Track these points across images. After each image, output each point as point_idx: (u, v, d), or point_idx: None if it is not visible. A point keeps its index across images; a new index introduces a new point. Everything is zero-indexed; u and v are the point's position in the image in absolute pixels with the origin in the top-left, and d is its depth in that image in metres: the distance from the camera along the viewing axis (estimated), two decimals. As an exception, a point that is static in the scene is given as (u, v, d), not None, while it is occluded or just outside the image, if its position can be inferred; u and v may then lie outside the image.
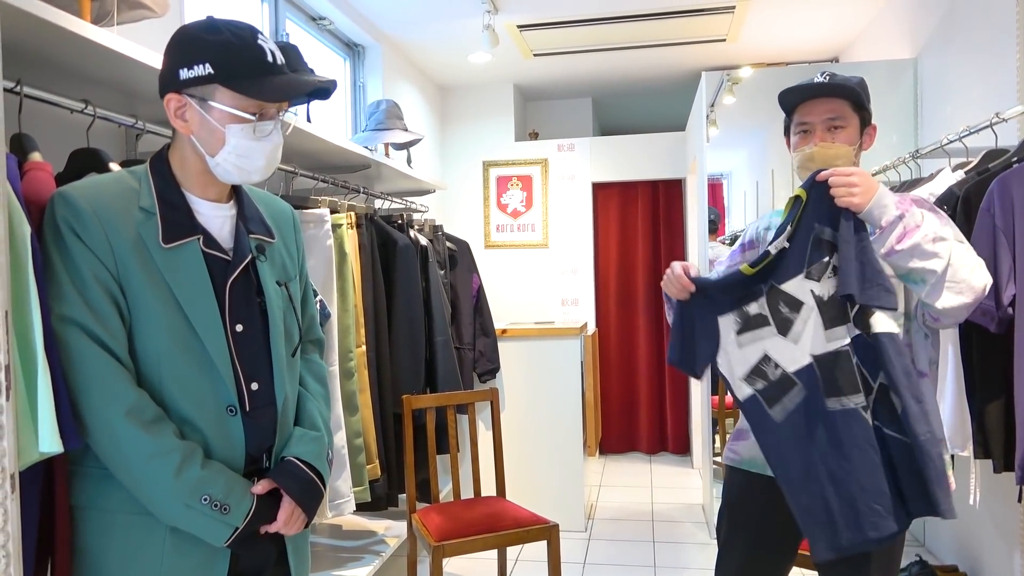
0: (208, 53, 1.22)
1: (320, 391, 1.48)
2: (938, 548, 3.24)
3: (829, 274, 1.49)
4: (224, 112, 1.24)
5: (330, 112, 3.86)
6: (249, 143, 1.26)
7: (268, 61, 1.26)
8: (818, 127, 1.60)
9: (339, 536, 2.96)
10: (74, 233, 1.18)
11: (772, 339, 1.54)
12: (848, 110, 1.60)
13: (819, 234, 1.51)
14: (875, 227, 1.47)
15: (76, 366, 1.15)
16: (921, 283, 1.47)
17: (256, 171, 1.30)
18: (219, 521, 1.21)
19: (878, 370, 1.47)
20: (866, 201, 1.45)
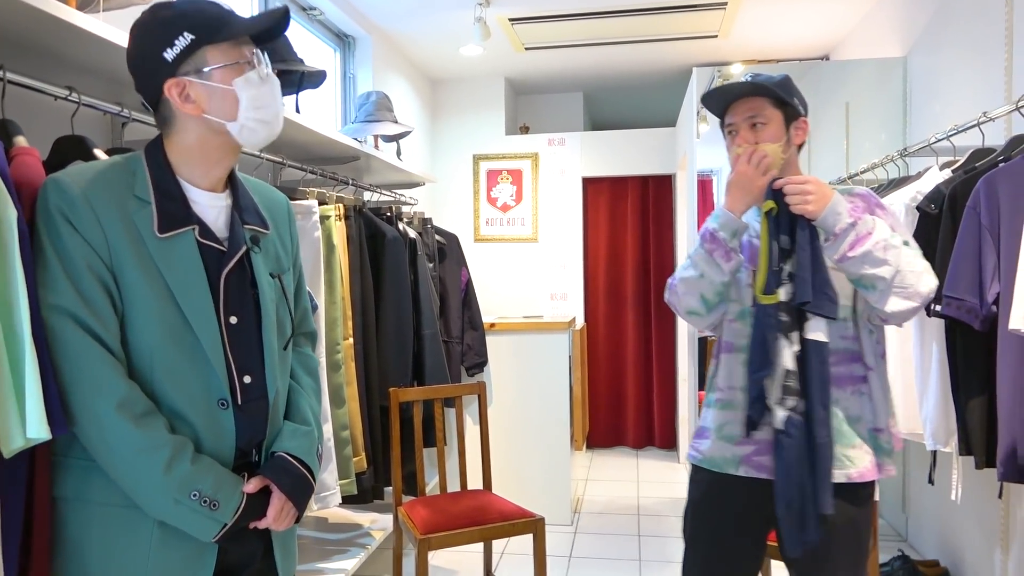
0: (180, 23, 1.21)
1: (311, 385, 1.47)
2: (920, 543, 3.27)
3: (785, 280, 1.52)
4: (224, 70, 1.23)
5: (319, 103, 3.83)
6: (259, 90, 1.26)
7: (227, 9, 1.27)
8: (741, 127, 1.63)
9: (325, 529, 2.96)
10: (67, 220, 1.16)
11: (786, 349, 1.53)
12: (769, 107, 1.62)
13: (778, 242, 1.54)
14: (829, 234, 1.51)
15: (66, 356, 1.14)
16: (871, 288, 1.52)
17: (274, 118, 1.29)
18: (208, 517, 1.20)
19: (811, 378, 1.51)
20: (820, 208, 1.49)
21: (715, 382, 1.72)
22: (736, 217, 1.61)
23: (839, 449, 1.57)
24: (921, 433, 2.18)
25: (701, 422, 1.76)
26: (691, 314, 1.70)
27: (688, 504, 1.78)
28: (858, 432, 1.59)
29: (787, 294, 1.51)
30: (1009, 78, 2.49)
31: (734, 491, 1.64)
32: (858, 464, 1.58)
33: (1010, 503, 2.46)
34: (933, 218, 2.04)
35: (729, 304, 1.68)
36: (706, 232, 1.64)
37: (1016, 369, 1.77)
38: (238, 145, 1.30)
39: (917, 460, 3.30)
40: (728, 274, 1.62)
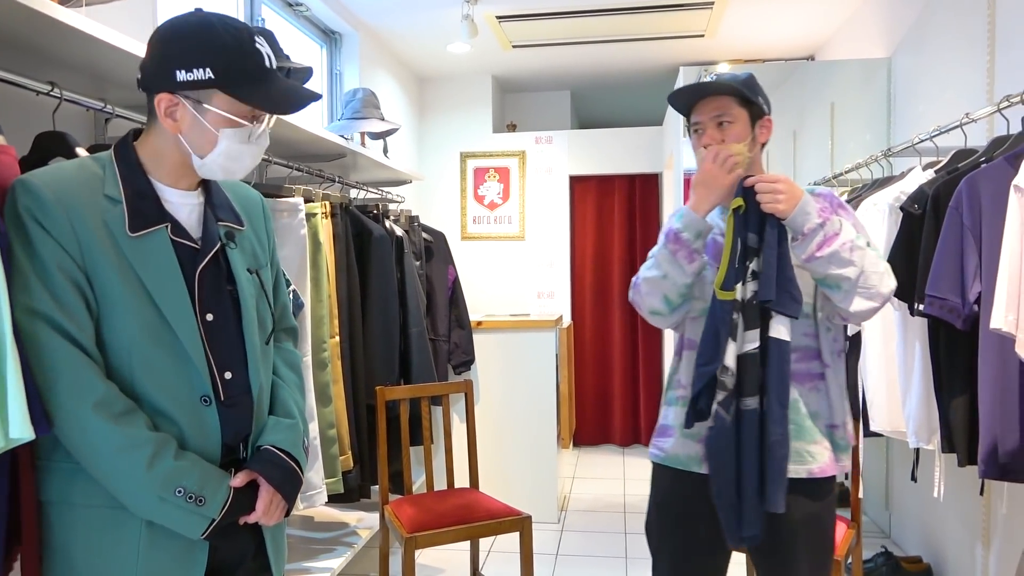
0: (208, 57, 1.19)
1: (294, 379, 1.46)
2: (903, 539, 3.30)
3: (748, 278, 1.53)
4: (220, 116, 1.22)
5: (306, 100, 3.81)
6: (240, 146, 1.25)
7: (266, 67, 1.24)
8: (708, 125, 1.64)
9: (311, 528, 2.94)
10: (37, 222, 1.15)
11: (730, 346, 1.55)
12: (735, 106, 1.63)
13: (745, 239, 1.54)
14: (797, 233, 1.52)
15: (42, 359, 1.13)
16: (836, 288, 1.54)
17: (241, 171, 1.29)
18: (195, 513, 1.19)
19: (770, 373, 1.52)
20: (791, 208, 1.51)
21: (676, 379, 1.71)
22: (700, 218, 1.60)
23: (801, 445, 1.58)
24: (904, 431, 2.20)
25: (662, 420, 1.74)
26: (654, 314, 1.69)
27: (651, 505, 1.76)
28: (818, 428, 1.61)
29: (751, 291, 1.53)
30: (991, 79, 2.52)
31: (698, 488, 1.63)
32: (819, 459, 1.60)
33: (991, 500, 2.49)
34: (916, 218, 2.06)
35: (693, 302, 1.68)
36: (670, 232, 1.63)
37: (997, 368, 1.79)
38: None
39: (900, 458, 3.33)
40: (691, 275, 1.62)
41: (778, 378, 1.51)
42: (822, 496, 1.61)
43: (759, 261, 1.53)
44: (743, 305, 1.53)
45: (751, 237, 1.54)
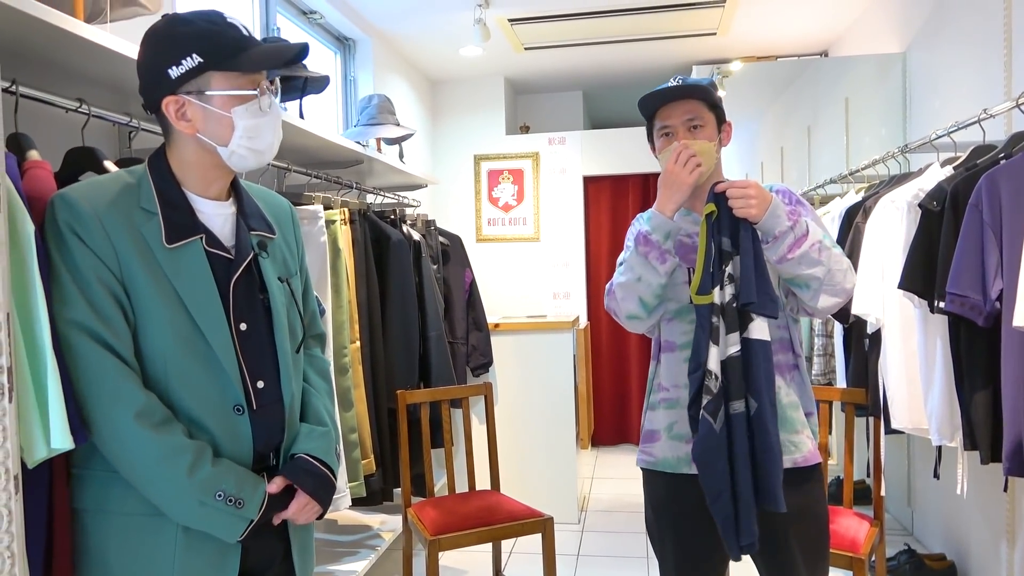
0: (191, 44, 1.22)
1: (324, 386, 1.49)
2: (926, 537, 3.29)
3: (726, 281, 1.55)
4: (225, 97, 1.24)
5: (321, 107, 3.85)
6: (256, 121, 1.27)
7: (246, 36, 1.27)
8: (679, 128, 1.67)
9: (334, 531, 2.97)
10: (76, 235, 1.17)
11: (712, 351, 1.56)
12: (704, 110, 1.67)
13: (719, 244, 1.56)
14: (768, 236, 1.55)
15: (83, 369, 1.15)
16: (805, 287, 1.59)
17: (267, 148, 1.30)
18: (234, 516, 1.22)
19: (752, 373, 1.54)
20: (762, 212, 1.54)
21: (658, 383, 1.73)
22: (668, 218, 1.63)
23: (785, 436, 1.60)
24: (926, 428, 2.19)
25: (648, 425, 1.75)
26: (631, 318, 1.70)
27: (648, 510, 1.77)
28: (798, 418, 1.64)
29: (730, 295, 1.55)
30: (1009, 74, 2.50)
31: (690, 490, 1.63)
32: (803, 449, 1.63)
33: (1016, 497, 2.48)
34: (935, 215, 2.05)
35: (666, 303, 1.70)
36: (639, 236, 1.65)
37: (1020, 365, 1.78)
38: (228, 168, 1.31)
39: (921, 455, 3.31)
40: (664, 275, 1.64)
41: (765, 378, 1.53)
42: (811, 484, 1.64)
43: (735, 265, 1.55)
44: (723, 309, 1.55)
45: (725, 242, 1.56)
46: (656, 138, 1.73)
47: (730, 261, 1.55)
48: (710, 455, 1.54)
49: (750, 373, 1.53)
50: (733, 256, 1.55)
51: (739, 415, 1.53)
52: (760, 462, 1.52)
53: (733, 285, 1.55)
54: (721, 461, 1.54)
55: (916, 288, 2.08)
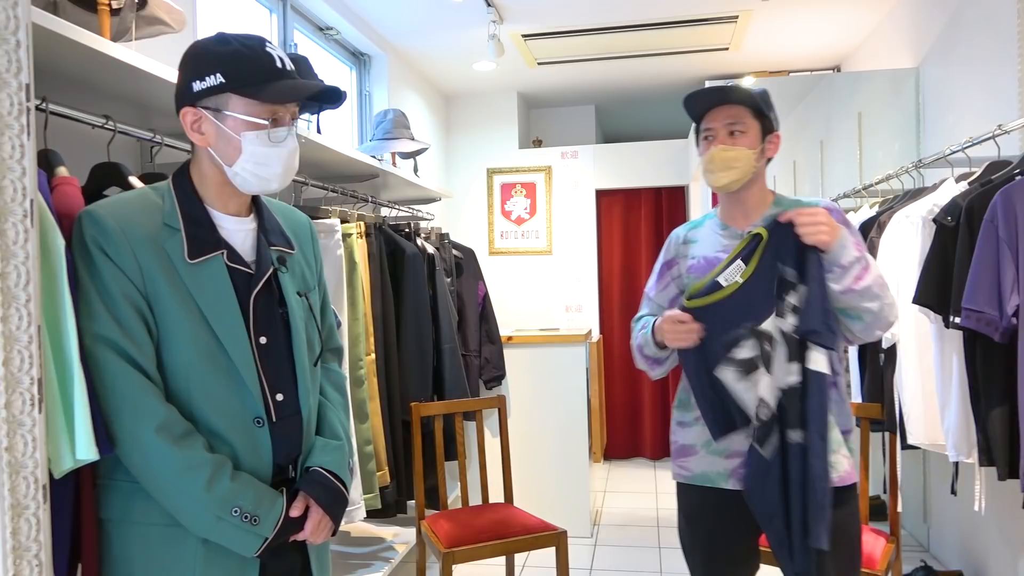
0: (219, 63, 1.25)
1: (340, 400, 1.50)
2: (942, 553, 3.26)
3: (789, 311, 1.55)
4: (238, 120, 1.26)
5: (336, 122, 3.89)
6: (265, 150, 1.28)
7: (277, 67, 1.28)
8: (720, 131, 1.67)
9: (349, 543, 2.98)
10: (102, 251, 1.20)
11: (764, 379, 1.58)
12: (748, 117, 1.67)
13: (783, 274, 1.56)
14: (834, 265, 1.54)
15: (107, 383, 1.17)
16: (857, 319, 1.59)
17: (274, 178, 1.31)
18: (249, 532, 1.23)
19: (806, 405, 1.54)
20: (833, 239, 1.53)
21: (692, 402, 1.73)
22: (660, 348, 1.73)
23: None
24: (943, 444, 2.18)
25: (682, 440, 1.77)
26: (649, 372, 1.84)
27: (681, 518, 1.80)
28: (835, 437, 1.63)
29: (791, 325, 1.54)
30: (1022, 89, 2.51)
31: (726, 504, 1.67)
32: (839, 469, 1.62)
33: (1033, 513, 2.46)
34: (950, 230, 2.05)
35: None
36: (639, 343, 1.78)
37: (1037, 380, 1.78)
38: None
39: (937, 470, 3.29)
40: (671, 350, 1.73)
41: (818, 411, 1.52)
42: (845, 504, 1.63)
43: (799, 295, 1.54)
44: (784, 337, 1.55)
45: (788, 271, 1.55)
46: (700, 140, 1.73)
47: (791, 290, 1.54)
48: (758, 483, 1.57)
49: (803, 406, 1.53)
50: (796, 287, 1.54)
51: (797, 445, 1.54)
52: (806, 495, 1.52)
53: (796, 316, 1.54)
54: (772, 487, 1.55)
55: (931, 303, 2.08)
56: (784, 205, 1.72)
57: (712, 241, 1.75)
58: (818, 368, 1.53)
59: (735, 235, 1.71)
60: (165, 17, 1.84)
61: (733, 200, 1.73)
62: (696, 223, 1.84)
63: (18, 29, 1.06)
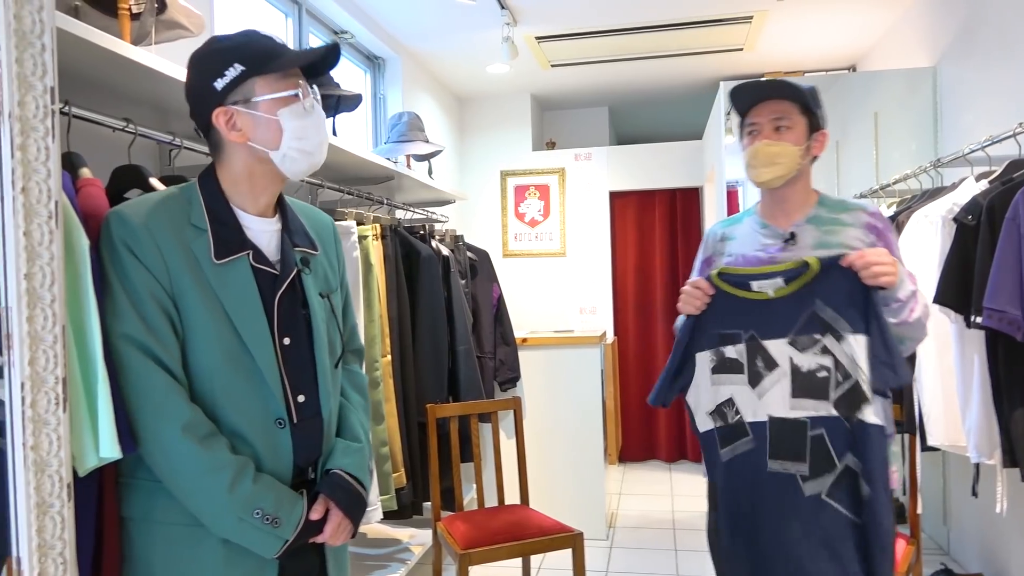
0: (232, 55, 1.27)
1: (360, 402, 1.50)
2: (963, 556, 3.22)
3: (816, 351, 1.54)
4: (270, 101, 1.28)
5: (351, 125, 3.91)
6: (303, 122, 1.30)
7: (279, 43, 1.32)
8: (765, 126, 1.65)
9: (365, 544, 2.99)
10: (130, 251, 1.21)
11: (741, 386, 1.61)
12: (795, 113, 1.64)
13: (819, 311, 1.55)
14: (891, 300, 1.53)
15: (132, 382, 1.18)
16: (900, 343, 1.58)
17: (316, 148, 1.33)
18: (270, 534, 1.23)
19: (846, 452, 1.53)
20: (895, 277, 1.50)
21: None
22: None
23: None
24: (964, 445, 2.16)
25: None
26: None
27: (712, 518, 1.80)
28: None
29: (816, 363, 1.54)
30: (1043, 87, 2.48)
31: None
32: None
33: (1056, 515, 2.43)
34: (971, 229, 2.03)
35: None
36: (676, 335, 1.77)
37: (1061, 380, 1.76)
38: (282, 173, 1.34)
39: (957, 472, 3.26)
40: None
41: (881, 464, 1.52)
42: None
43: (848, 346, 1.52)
44: (799, 373, 1.56)
45: (827, 311, 1.54)
46: (744, 135, 1.71)
47: (828, 332, 1.53)
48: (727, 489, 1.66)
49: (865, 460, 1.52)
50: (841, 335, 1.53)
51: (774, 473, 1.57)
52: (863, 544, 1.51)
53: (830, 358, 1.53)
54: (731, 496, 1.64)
55: (952, 303, 2.06)
56: (828, 205, 1.69)
57: (752, 239, 1.73)
58: (874, 421, 1.51)
59: (776, 234, 1.69)
60: (184, 21, 1.85)
61: (775, 197, 1.70)
62: (734, 219, 1.82)
63: (43, 33, 1.08)
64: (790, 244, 1.66)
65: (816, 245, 1.65)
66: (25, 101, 1.05)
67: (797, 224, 1.68)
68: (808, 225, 1.67)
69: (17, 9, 1.04)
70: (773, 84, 1.64)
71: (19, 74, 1.04)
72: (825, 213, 1.68)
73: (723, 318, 1.63)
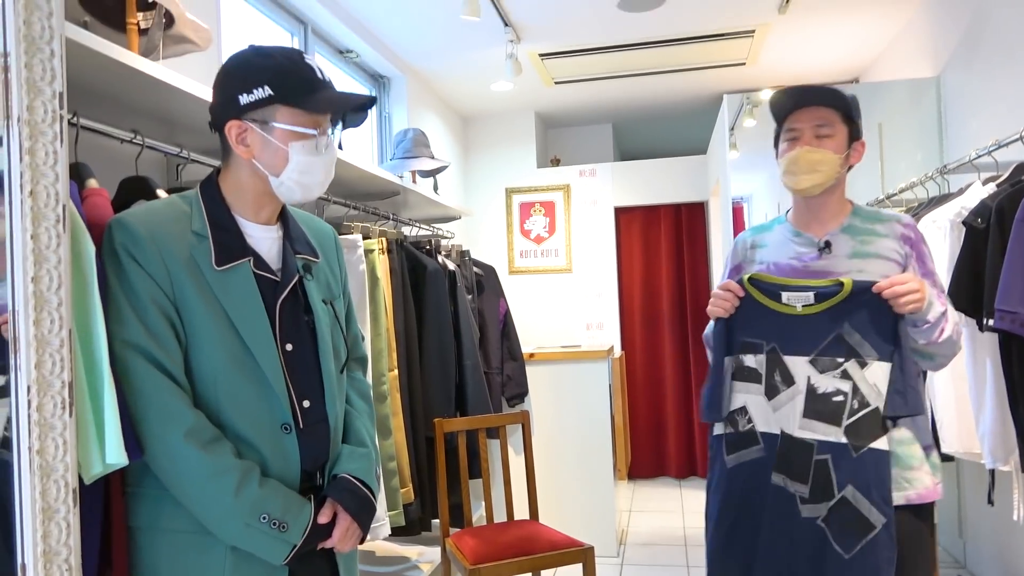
0: (265, 76, 1.27)
1: (365, 408, 1.50)
2: (980, 568, 3.17)
3: (836, 375, 1.53)
4: (286, 131, 1.28)
5: (357, 142, 3.93)
6: (310, 159, 1.30)
7: (319, 78, 1.31)
8: (806, 132, 1.62)
9: (373, 562, 2.96)
10: (132, 258, 1.21)
11: (757, 396, 1.60)
12: (838, 120, 1.63)
13: (846, 335, 1.54)
14: (920, 321, 1.51)
15: (136, 388, 1.18)
16: (930, 359, 1.59)
17: (317, 186, 1.33)
18: (278, 539, 1.22)
19: (847, 484, 1.51)
20: (924, 302, 1.49)
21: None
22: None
23: (896, 471, 1.55)
24: (978, 452, 2.13)
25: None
26: None
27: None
28: (914, 453, 1.58)
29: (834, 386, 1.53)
30: (1048, 92, 2.48)
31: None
32: (916, 485, 1.56)
33: (1075, 524, 2.39)
34: (980, 232, 2.02)
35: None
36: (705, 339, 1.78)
37: (1076, 382, 1.73)
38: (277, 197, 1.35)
39: (972, 480, 3.21)
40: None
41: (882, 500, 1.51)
42: (924, 522, 1.58)
43: (873, 373, 1.51)
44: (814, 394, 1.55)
45: (854, 336, 1.53)
46: (782, 140, 1.68)
47: (853, 358, 1.52)
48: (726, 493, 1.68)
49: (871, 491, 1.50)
50: (865, 361, 1.51)
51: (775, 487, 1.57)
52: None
53: (849, 383, 1.52)
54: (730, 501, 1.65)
55: (963, 307, 2.04)
56: (863, 215, 1.68)
57: (785, 247, 1.71)
58: (882, 447, 1.51)
59: (810, 242, 1.67)
60: (192, 35, 1.87)
61: (811, 206, 1.68)
62: (764, 227, 1.80)
63: (52, 39, 1.08)
64: (825, 253, 1.64)
65: (851, 255, 1.63)
66: (34, 106, 1.06)
67: (832, 233, 1.66)
68: (843, 234, 1.66)
69: (27, 15, 1.05)
70: (817, 90, 1.62)
71: (28, 79, 1.05)
72: (859, 223, 1.67)
73: (748, 325, 1.63)
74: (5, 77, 1.04)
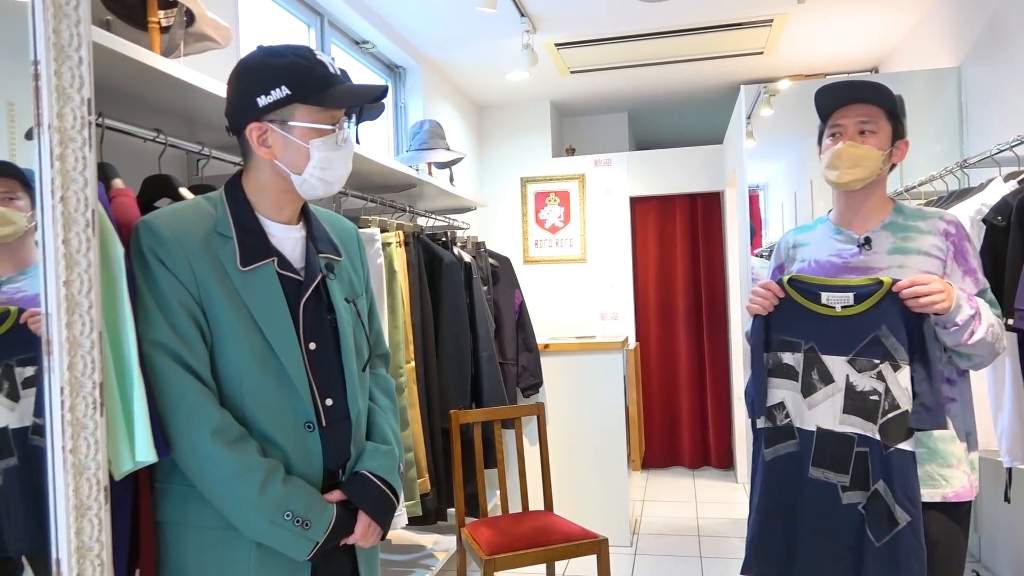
0: (281, 76, 1.28)
1: (389, 405, 1.52)
2: (995, 565, 3.17)
3: (873, 375, 1.54)
4: (306, 129, 1.30)
5: (373, 133, 3.94)
6: (330, 154, 1.32)
7: (332, 72, 1.32)
8: (850, 128, 1.63)
9: (390, 550, 3.00)
10: (158, 260, 1.23)
11: (793, 392, 1.62)
12: (882, 118, 1.63)
13: (883, 337, 1.54)
14: (948, 323, 1.50)
15: (163, 388, 1.21)
16: (967, 359, 1.58)
17: (338, 180, 1.36)
18: (301, 536, 1.25)
19: (880, 479, 1.52)
20: (950, 303, 1.48)
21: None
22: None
23: (933, 468, 1.56)
24: (996, 450, 2.13)
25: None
26: None
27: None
28: (954, 451, 1.58)
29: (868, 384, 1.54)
30: (1072, 85, 2.45)
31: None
32: (953, 483, 1.57)
33: (1091, 521, 2.38)
34: (1000, 230, 2.01)
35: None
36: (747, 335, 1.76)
37: (1096, 382, 1.73)
38: (299, 194, 1.37)
39: (988, 477, 3.20)
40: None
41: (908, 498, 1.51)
42: (959, 522, 1.59)
43: (903, 378, 1.51)
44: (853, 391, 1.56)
45: (891, 338, 1.52)
46: (826, 136, 1.69)
47: (887, 361, 1.52)
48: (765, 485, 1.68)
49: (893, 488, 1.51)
50: (899, 365, 1.51)
51: (814, 480, 1.59)
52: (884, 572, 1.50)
53: (883, 384, 1.53)
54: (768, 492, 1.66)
55: (981, 305, 2.03)
56: (905, 213, 1.68)
57: (826, 245, 1.72)
58: (906, 447, 1.51)
59: (851, 239, 1.68)
60: (212, 33, 1.89)
61: (851, 202, 1.69)
62: (807, 227, 1.82)
63: (80, 46, 1.10)
64: (865, 249, 1.65)
65: (892, 251, 1.63)
66: (63, 113, 1.08)
67: (873, 230, 1.66)
68: (884, 231, 1.66)
69: (56, 24, 1.07)
70: (863, 86, 1.63)
71: (58, 86, 1.07)
72: (901, 220, 1.67)
73: (786, 324, 1.64)
74: (36, 85, 1.06)
